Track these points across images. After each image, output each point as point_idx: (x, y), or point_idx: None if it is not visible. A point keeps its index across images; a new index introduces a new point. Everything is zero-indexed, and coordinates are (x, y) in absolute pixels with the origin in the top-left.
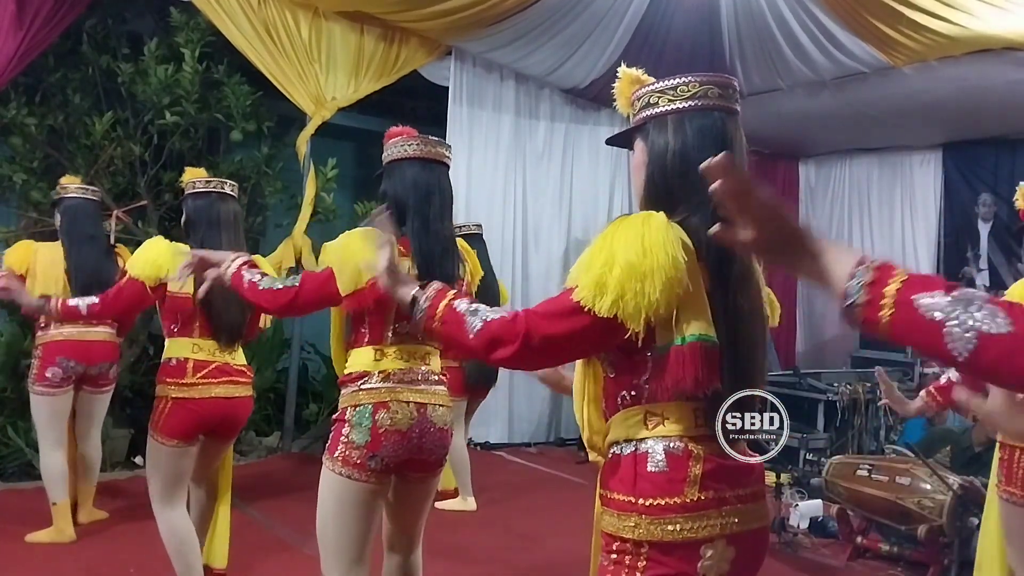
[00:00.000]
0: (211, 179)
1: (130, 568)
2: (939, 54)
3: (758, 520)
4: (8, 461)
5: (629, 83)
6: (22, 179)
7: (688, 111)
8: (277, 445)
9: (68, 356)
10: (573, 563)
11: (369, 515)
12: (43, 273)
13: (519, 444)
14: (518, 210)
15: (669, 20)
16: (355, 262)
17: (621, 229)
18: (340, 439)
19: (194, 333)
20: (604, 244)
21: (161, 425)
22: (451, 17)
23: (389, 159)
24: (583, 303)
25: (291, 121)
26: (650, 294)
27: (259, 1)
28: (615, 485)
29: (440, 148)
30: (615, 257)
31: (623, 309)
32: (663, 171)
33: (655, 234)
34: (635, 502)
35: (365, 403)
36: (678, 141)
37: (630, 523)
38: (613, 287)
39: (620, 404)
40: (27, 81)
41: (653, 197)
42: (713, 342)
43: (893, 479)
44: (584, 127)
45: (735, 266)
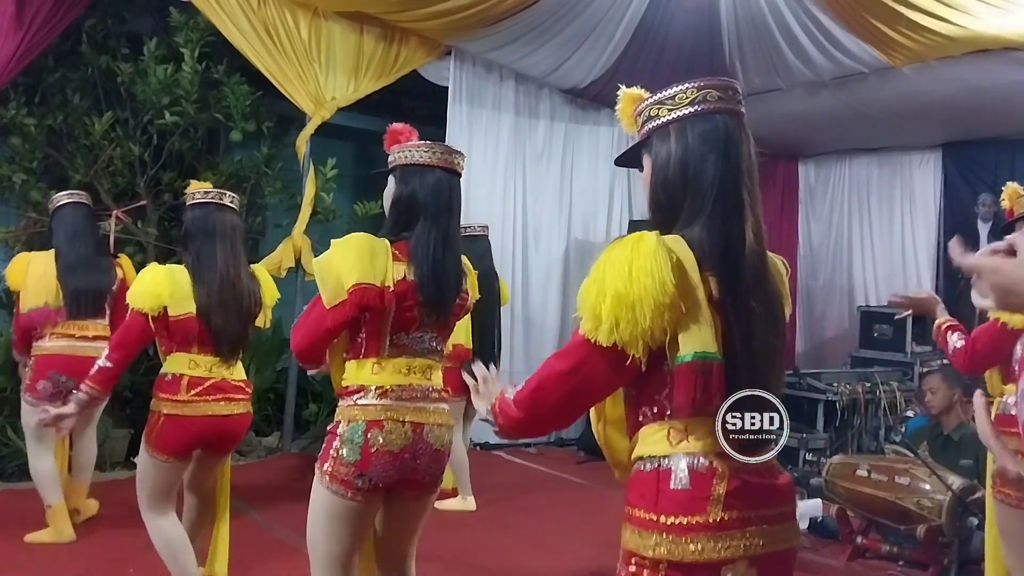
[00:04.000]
0: (210, 190)
1: (130, 568)
2: (939, 54)
3: (784, 542)
4: (7, 461)
5: (631, 101)
6: (21, 179)
7: (688, 117)
8: (277, 445)
9: (60, 371)
10: (573, 563)
11: (358, 530)
12: (34, 284)
13: (519, 444)
14: (518, 210)
15: (669, 20)
16: (335, 274)
17: (612, 256)
18: (331, 452)
19: (192, 349)
20: (597, 272)
21: (154, 440)
22: (451, 17)
23: (407, 162)
24: (584, 334)
25: (291, 121)
26: (641, 321)
27: (259, 1)
28: (637, 502)
29: (458, 158)
30: (605, 287)
31: (619, 337)
32: (665, 181)
33: (642, 260)
34: (657, 520)
35: (359, 419)
36: (680, 149)
37: (651, 541)
38: (607, 317)
39: (642, 420)
40: (27, 81)
41: (657, 209)
42: (712, 358)
43: (892, 479)
44: (584, 127)
45: (746, 271)
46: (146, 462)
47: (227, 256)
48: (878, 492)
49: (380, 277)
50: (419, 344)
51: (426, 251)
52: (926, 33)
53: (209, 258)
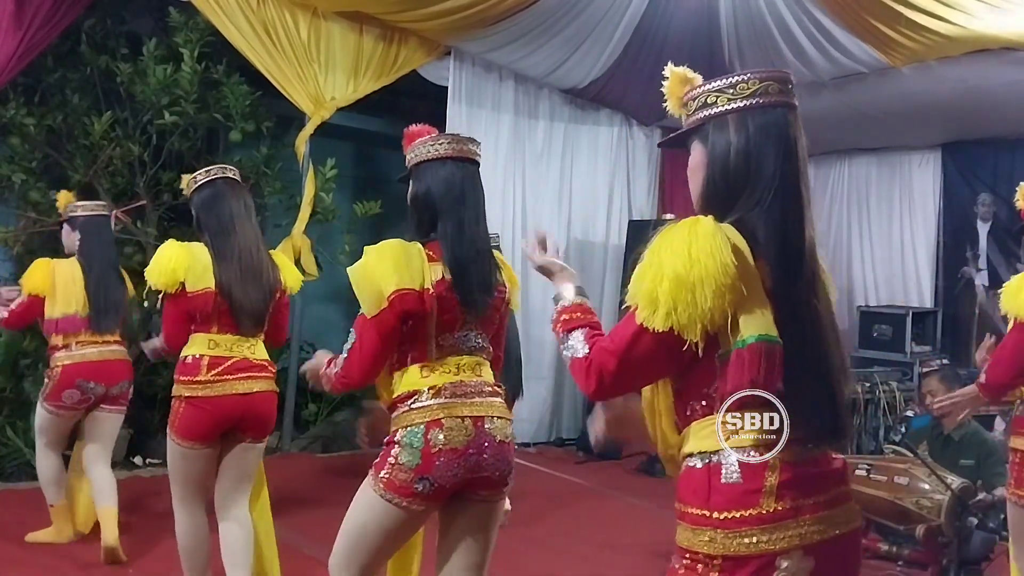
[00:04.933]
0: (211, 167)
1: (129, 569)
2: (938, 54)
3: (842, 525)
4: (7, 461)
5: (679, 83)
6: (21, 179)
7: (750, 109)
8: (276, 445)
9: (88, 378)
10: (572, 563)
11: (402, 538)
12: (63, 292)
13: (519, 444)
14: (518, 210)
15: (668, 20)
16: (373, 283)
17: (668, 238)
18: (388, 460)
19: (212, 329)
20: (653, 256)
21: (177, 426)
22: (450, 17)
23: (417, 160)
24: (640, 320)
25: (290, 121)
26: (701, 304)
27: (258, 1)
28: (689, 498)
29: (472, 145)
30: (663, 269)
31: (677, 321)
32: (725, 171)
33: (702, 242)
34: (710, 516)
35: (417, 423)
36: (741, 140)
37: (705, 537)
38: (664, 300)
39: (690, 415)
40: (26, 81)
41: (712, 197)
42: (775, 342)
43: (892, 479)
44: (583, 127)
45: (805, 264)
46: (172, 452)
47: (245, 228)
48: (877, 492)
49: (418, 280)
50: (465, 343)
51: (448, 247)
52: (926, 33)
53: (228, 231)
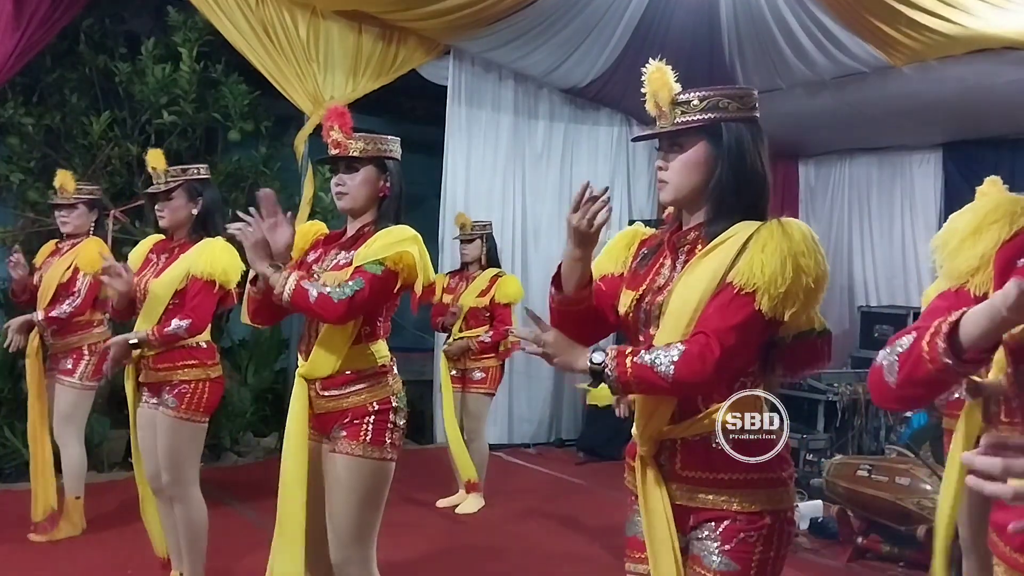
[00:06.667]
0: (193, 166)
1: (128, 569)
2: (939, 54)
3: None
4: (6, 462)
5: (665, 84)
6: (19, 179)
7: (755, 121)
8: (275, 446)
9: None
10: (572, 564)
11: None
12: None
13: (519, 445)
14: (517, 210)
15: (668, 20)
16: (424, 266)
17: (787, 234)
18: (387, 427)
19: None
20: (777, 247)
21: (205, 405)
22: (450, 16)
23: (395, 154)
24: (757, 305)
25: (289, 120)
26: (819, 300)
27: (257, 0)
28: (759, 466)
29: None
30: (788, 262)
31: (788, 311)
32: (739, 174)
33: (817, 246)
34: (781, 476)
35: (401, 388)
36: (754, 148)
37: (788, 494)
38: (799, 298)
39: (738, 388)
40: (24, 81)
41: (721, 196)
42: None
43: (893, 480)
44: (583, 127)
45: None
46: (191, 434)
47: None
48: (879, 493)
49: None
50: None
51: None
52: (926, 32)
53: (220, 234)
